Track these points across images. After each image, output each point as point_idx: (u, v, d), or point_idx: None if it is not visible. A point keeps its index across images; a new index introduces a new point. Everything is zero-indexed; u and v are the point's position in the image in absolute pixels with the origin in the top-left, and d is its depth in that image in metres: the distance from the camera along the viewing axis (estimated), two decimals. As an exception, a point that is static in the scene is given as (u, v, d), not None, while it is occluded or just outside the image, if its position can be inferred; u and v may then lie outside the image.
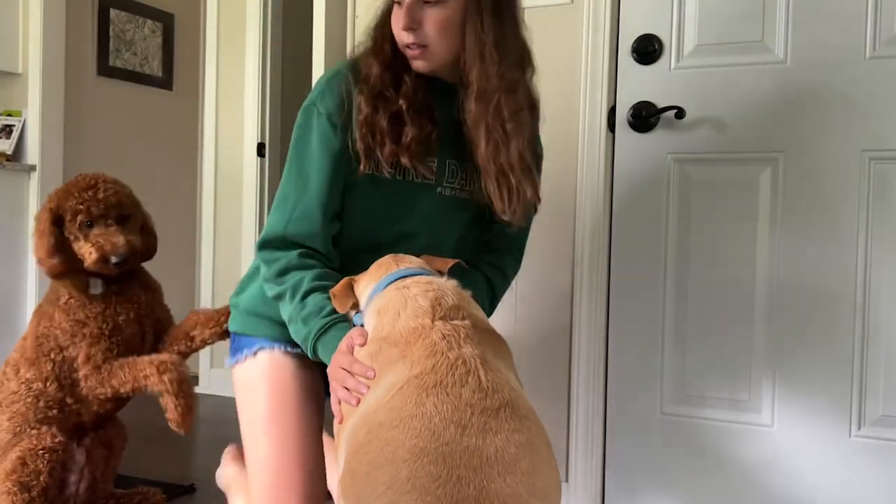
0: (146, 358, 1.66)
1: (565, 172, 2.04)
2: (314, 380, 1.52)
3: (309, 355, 1.36)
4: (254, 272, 1.52)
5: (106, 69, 3.16)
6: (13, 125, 2.81)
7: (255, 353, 1.51)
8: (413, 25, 1.32)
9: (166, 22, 3.42)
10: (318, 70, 2.13)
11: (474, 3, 1.34)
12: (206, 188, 3.51)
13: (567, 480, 2.05)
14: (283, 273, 1.38)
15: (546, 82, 2.06)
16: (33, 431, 1.62)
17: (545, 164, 1.99)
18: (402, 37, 1.34)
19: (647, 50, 1.94)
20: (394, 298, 1.23)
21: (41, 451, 1.60)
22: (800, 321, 1.84)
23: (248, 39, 3.37)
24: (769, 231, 1.86)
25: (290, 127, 1.72)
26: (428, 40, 1.33)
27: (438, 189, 1.45)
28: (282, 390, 1.47)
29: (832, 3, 1.79)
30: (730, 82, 1.88)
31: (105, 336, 1.66)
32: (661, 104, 1.93)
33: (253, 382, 1.50)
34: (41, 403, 1.65)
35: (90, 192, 1.66)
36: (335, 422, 1.24)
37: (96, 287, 1.70)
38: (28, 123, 2.83)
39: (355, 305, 1.35)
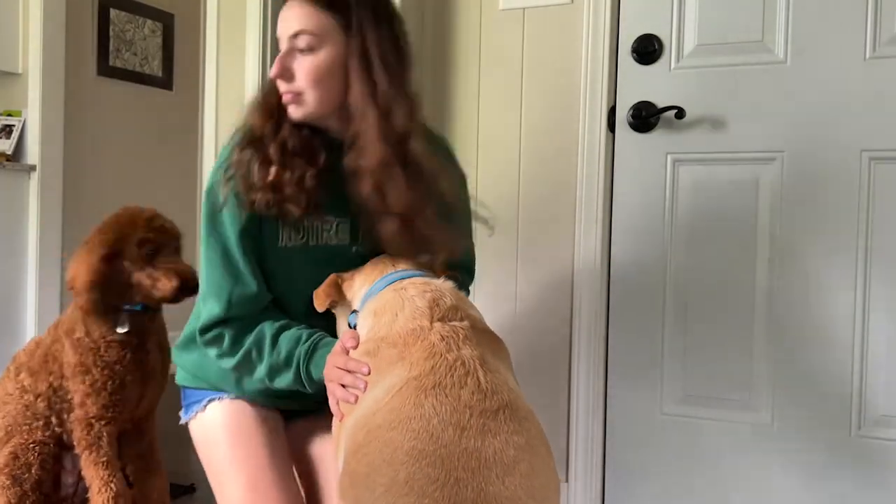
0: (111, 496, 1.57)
1: (565, 172, 2.04)
2: (272, 418, 1.50)
3: (306, 387, 1.32)
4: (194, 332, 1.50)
5: (106, 69, 3.15)
6: (13, 125, 2.81)
7: (204, 407, 1.50)
8: (284, 74, 1.30)
9: (166, 22, 3.42)
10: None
11: (362, 54, 1.29)
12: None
13: (567, 480, 2.05)
14: (237, 341, 1.34)
15: (546, 82, 2.07)
16: (24, 427, 1.62)
17: (545, 165, 2.00)
18: (278, 85, 1.32)
19: (647, 50, 1.94)
20: (391, 300, 1.22)
21: (31, 445, 1.60)
22: (800, 320, 1.84)
23: (248, 39, 3.37)
24: (769, 231, 1.86)
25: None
26: (301, 88, 1.30)
27: (354, 248, 1.42)
28: (242, 433, 1.45)
29: (832, 3, 1.79)
30: (730, 82, 1.88)
31: (106, 391, 1.59)
32: (661, 104, 1.93)
33: (210, 433, 1.47)
34: (29, 412, 1.65)
35: (155, 222, 1.61)
36: (335, 420, 1.24)
37: (124, 325, 1.59)
38: (28, 123, 2.82)
39: (334, 303, 1.34)
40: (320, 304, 1.32)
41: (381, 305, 1.23)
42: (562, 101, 2.04)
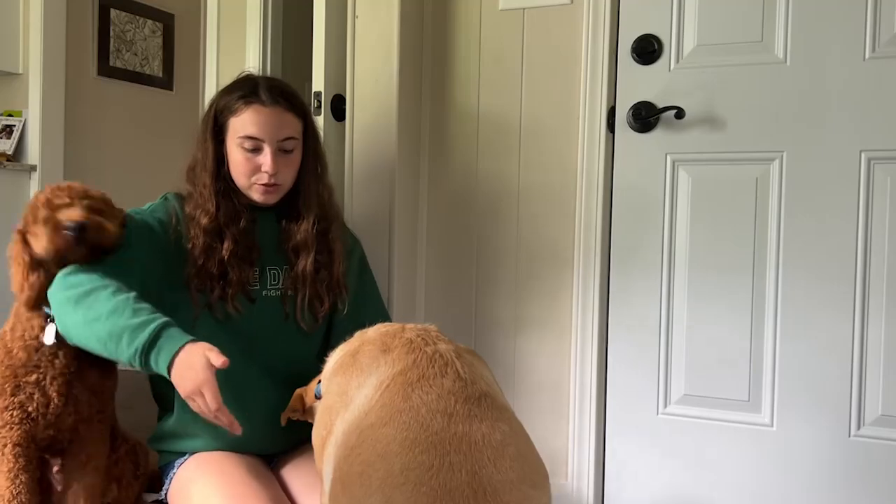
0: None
1: (565, 172, 2.04)
2: (248, 460, 1.54)
3: (127, 347, 1.27)
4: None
5: (106, 69, 3.16)
6: (13, 125, 2.81)
7: (176, 469, 1.54)
8: (279, 169, 1.54)
9: (166, 22, 3.42)
10: (319, 70, 2.13)
11: (313, 154, 1.62)
12: (207, 188, 3.50)
13: (567, 479, 2.05)
14: (104, 275, 1.35)
15: (546, 82, 2.07)
16: None
17: (545, 166, 2.00)
18: (263, 178, 1.53)
19: (647, 50, 1.94)
20: (358, 337, 1.31)
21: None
22: (799, 320, 1.84)
23: (249, 39, 3.36)
24: (768, 231, 1.86)
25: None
26: (282, 179, 1.56)
27: (264, 292, 1.59)
28: (228, 471, 1.47)
29: (832, 3, 1.79)
30: (730, 82, 1.88)
31: (6, 394, 1.45)
32: (660, 104, 1.93)
33: (192, 484, 1.48)
34: None
35: (56, 191, 1.47)
36: (315, 433, 1.28)
37: (50, 336, 1.43)
38: (28, 123, 2.83)
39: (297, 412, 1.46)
40: (284, 419, 1.45)
41: (346, 348, 1.30)
42: (562, 101, 2.04)
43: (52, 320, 1.42)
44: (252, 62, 3.36)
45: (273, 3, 3.34)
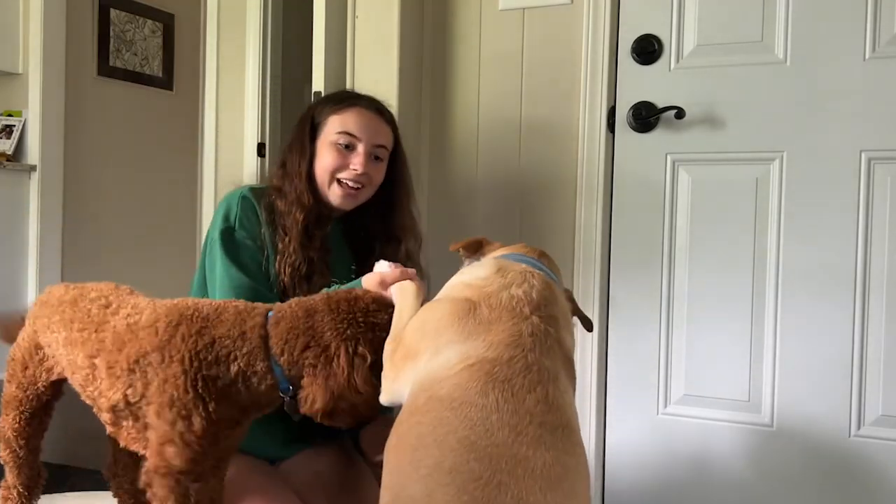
0: None
1: (565, 172, 2.04)
2: (259, 461, 1.51)
3: None
4: None
5: (106, 69, 3.16)
6: (13, 125, 2.82)
7: None
8: (367, 171, 1.57)
9: (166, 22, 3.42)
10: (319, 70, 2.13)
11: (402, 178, 1.67)
12: (206, 188, 3.51)
13: (567, 480, 2.05)
14: None
15: (546, 82, 2.07)
16: None
17: (545, 166, 2.00)
18: (350, 175, 1.56)
19: (647, 50, 1.94)
20: (518, 272, 1.21)
21: None
22: (799, 320, 1.84)
23: (248, 39, 3.37)
24: (768, 231, 1.86)
25: (290, 127, 1.72)
26: (366, 182, 1.58)
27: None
28: (233, 466, 1.41)
29: (832, 3, 1.79)
30: (730, 82, 1.88)
31: None
32: (660, 104, 1.93)
33: None
34: None
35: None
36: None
37: None
38: (28, 123, 2.83)
39: (465, 254, 1.41)
40: (454, 247, 1.42)
41: (506, 268, 1.22)
42: (562, 102, 2.04)
43: None
44: (252, 62, 3.37)
45: (273, 3, 3.35)
